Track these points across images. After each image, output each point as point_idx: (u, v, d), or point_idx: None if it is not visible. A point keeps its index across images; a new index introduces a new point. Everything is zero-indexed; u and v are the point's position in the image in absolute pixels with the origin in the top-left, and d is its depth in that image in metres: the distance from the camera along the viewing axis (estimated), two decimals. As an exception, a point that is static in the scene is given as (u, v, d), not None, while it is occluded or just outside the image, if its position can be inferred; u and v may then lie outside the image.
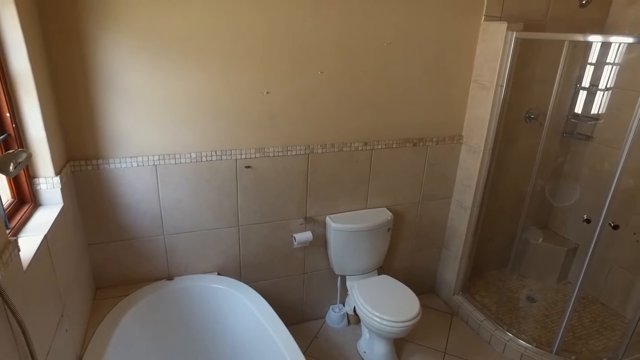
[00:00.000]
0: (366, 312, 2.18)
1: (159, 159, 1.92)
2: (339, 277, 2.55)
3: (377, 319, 2.12)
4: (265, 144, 2.09)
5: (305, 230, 2.33)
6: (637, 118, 1.86)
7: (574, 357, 2.37)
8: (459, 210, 2.67)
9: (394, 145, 2.38)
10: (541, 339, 2.54)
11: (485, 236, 2.92)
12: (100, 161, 1.84)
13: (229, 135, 2.01)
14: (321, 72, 2.06)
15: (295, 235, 2.30)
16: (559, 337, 2.36)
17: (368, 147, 2.32)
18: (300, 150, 2.17)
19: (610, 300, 2.92)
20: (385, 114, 2.29)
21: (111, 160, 1.85)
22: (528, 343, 2.44)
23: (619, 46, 2.54)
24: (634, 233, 2.70)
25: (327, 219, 2.36)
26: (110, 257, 2.02)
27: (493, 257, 3.14)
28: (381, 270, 2.56)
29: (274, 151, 2.12)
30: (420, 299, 2.24)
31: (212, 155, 2.01)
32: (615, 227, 2.19)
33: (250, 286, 2.11)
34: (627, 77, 2.62)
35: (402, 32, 2.15)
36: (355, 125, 2.25)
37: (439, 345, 2.55)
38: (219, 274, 2.23)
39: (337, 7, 1.97)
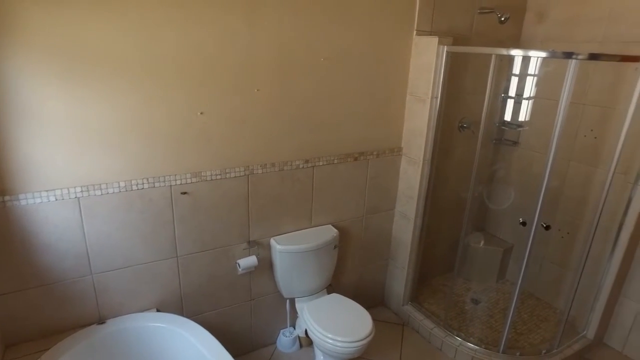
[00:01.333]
0: (318, 334, 2.10)
1: (81, 191, 1.73)
2: (288, 300, 2.46)
3: (331, 341, 2.06)
4: (202, 167, 1.96)
5: (250, 255, 2.22)
6: (557, 125, 1.98)
7: (518, 353, 2.47)
8: (403, 221, 2.70)
9: (335, 161, 2.35)
10: (488, 339, 2.61)
11: (430, 244, 2.98)
12: (7, 198, 1.61)
13: (161, 160, 1.86)
14: (258, 90, 1.98)
15: (239, 261, 2.18)
16: (504, 336, 2.44)
17: (309, 165, 2.26)
18: (240, 171, 2.06)
19: (543, 294, 3.10)
20: (325, 130, 2.26)
21: (22, 196, 1.63)
22: (477, 345, 2.50)
23: (537, 60, 2.73)
24: (560, 229, 2.88)
25: (272, 241, 2.26)
26: (26, 307, 1.77)
27: (438, 264, 3.22)
28: (330, 288, 2.50)
29: (211, 174, 2.00)
30: (370, 313, 2.21)
31: (143, 183, 1.85)
32: (547, 228, 2.32)
33: (194, 320, 1.95)
34: (546, 88, 2.82)
35: (338, 48, 2.14)
36: (295, 143, 2.19)
37: (393, 358, 2.53)
38: (158, 311, 2.05)
39: (271, 23, 1.91)
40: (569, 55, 1.89)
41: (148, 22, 1.66)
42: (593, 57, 1.91)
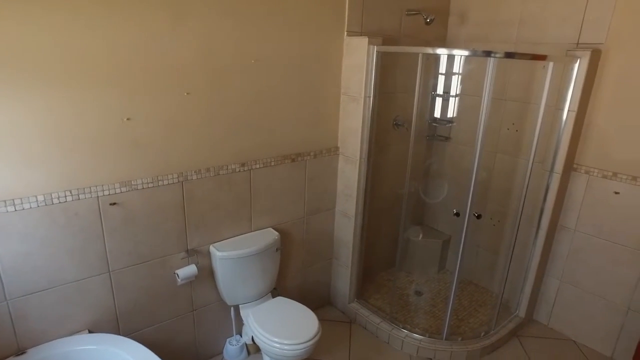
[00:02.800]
0: (265, 339, 2.07)
1: (-9, 209, 1.57)
2: (232, 308, 2.39)
3: (277, 345, 2.03)
4: (132, 176, 1.86)
5: (189, 264, 2.14)
6: (482, 120, 2.10)
7: (460, 338, 2.58)
8: (343, 219, 2.73)
9: (273, 163, 2.33)
10: (432, 328, 2.71)
11: (372, 241, 3.05)
12: None
13: (86, 171, 1.74)
14: (187, 93, 1.92)
15: (178, 271, 2.09)
16: (446, 323, 2.54)
17: (246, 168, 2.23)
18: (173, 178, 1.98)
19: (480, 280, 3.27)
20: (261, 132, 2.24)
21: None
22: (422, 335, 2.59)
23: (461, 58, 2.88)
24: (491, 218, 3.06)
25: (211, 248, 2.20)
26: None
27: (381, 260, 3.29)
28: (275, 292, 2.47)
29: (142, 183, 1.90)
30: (317, 314, 2.22)
31: (66, 196, 1.72)
32: (479, 217, 2.45)
33: (132, 338, 1.84)
34: (470, 85, 2.99)
35: (269, 49, 2.13)
36: (230, 147, 2.14)
37: (342, 356, 2.55)
38: (90, 332, 1.91)
39: (196, 24, 1.86)
40: (488, 53, 2.01)
41: (67, 20, 1.55)
42: (509, 55, 2.05)
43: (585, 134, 2.52)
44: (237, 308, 2.37)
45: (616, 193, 2.46)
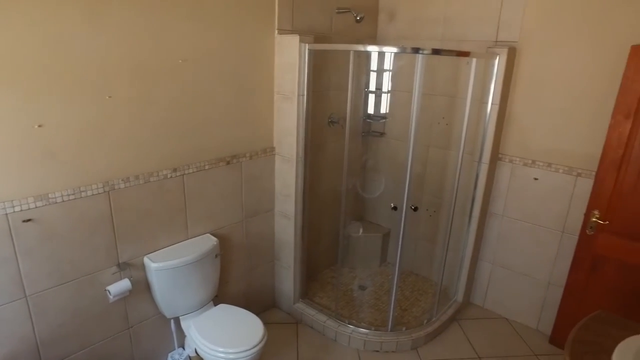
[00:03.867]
0: (209, 350, 1.99)
1: None
2: (172, 320, 2.28)
3: (222, 355, 1.96)
4: (49, 188, 1.70)
5: (122, 279, 2.00)
6: (414, 115, 2.16)
7: (404, 328, 2.65)
8: (283, 220, 2.69)
9: (207, 167, 2.24)
10: (377, 321, 2.76)
11: (313, 239, 3.04)
12: None
13: (-9, 186, 1.56)
14: (110, 97, 1.78)
15: (109, 288, 1.94)
16: (390, 315, 2.60)
17: (178, 173, 2.12)
18: (98, 188, 1.83)
19: (421, 270, 3.39)
20: (192, 135, 2.14)
21: None
22: (368, 329, 2.63)
23: (391, 55, 2.95)
24: (427, 209, 3.18)
25: (146, 259, 2.07)
26: None
27: (324, 258, 3.30)
28: (217, 299, 2.39)
29: (62, 196, 1.74)
30: (263, 317, 2.18)
31: (-33, 215, 1.53)
32: (416, 209, 2.52)
33: (58, 366, 1.69)
34: (401, 81, 3.08)
35: (197, 48, 2.03)
36: (160, 152, 2.03)
37: (290, 358, 2.52)
38: (7, 365, 1.72)
39: (116, 22, 1.72)
40: (416, 50, 2.07)
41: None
42: (435, 52, 2.12)
43: (507, 125, 2.69)
44: (177, 320, 2.25)
45: (535, 179, 2.65)
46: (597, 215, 2.36)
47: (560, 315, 2.64)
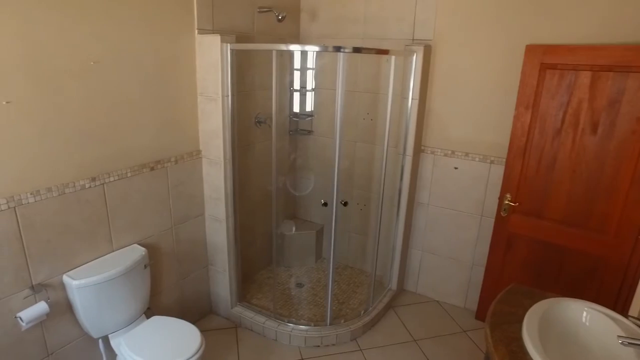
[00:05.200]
0: (142, 366, 1.90)
1: None
2: (101, 340, 2.14)
3: (157, 369, 1.88)
4: (-60, 208, 1.52)
5: (37, 303, 1.83)
6: (338, 112, 2.22)
7: (342, 320, 2.72)
8: (215, 224, 2.63)
9: (129, 174, 2.13)
10: (316, 317, 2.80)
11: (247, 241, 3.01)
12: None
13: None
14: (7, 102, 1.62)
15: (20, 314, 1.76)
16: (328, 310, 2.65)
17: (98, 183, 1.99)
18: (1, 205, 1.67)
19: (355, 263, 3.49)
20: (111, 142, 2.02)
21: None
22: (307, 325, 2.65)
23: (313, 54, 2.99)
24: (358, 203, 3.28)
25: (65, 278, 1.92)
26: None
27: (259, 258, 3.28)
28: (150, 312, 2.28)
29: (-43, 215, 1.56)
30: (200, 325, 2.12)
31: None
32: (345, 204, 2.59)
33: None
34: (325, 79, 3.14)
35: (111, 49, 1.92)
36: (76, 161, 1.89)
37: (230, 364, 2.48)
38: None
39: (12, 19, 1.57)
40: (337, 49, 2.12)
41: None
42: (356, 50, 2.18)
43: (428, 119, 2.85)
44: (106, 339, 2.12)
45: (455, 168, 2.84)
46: (509, 198, 2.58)
47: (483, 292, 2.85)
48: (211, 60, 2.30)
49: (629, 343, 1.34)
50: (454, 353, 2.62)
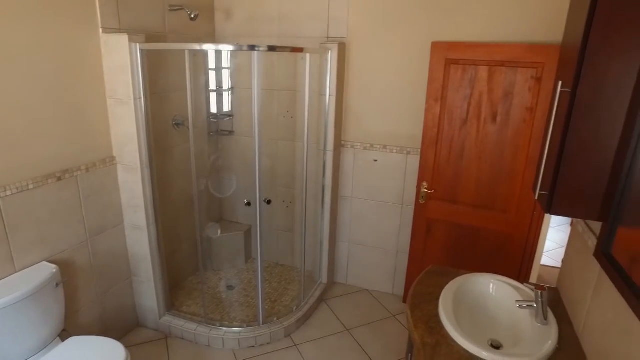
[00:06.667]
0: (60, 392, 1.76)
1: None
2: (8, 370, 1.95)
3: (77, 393, 1.76)
4: None
5: None
6: (256, 111, 2.22)
7: (275, 318, 2.73)
8: (135, 233, 2.51)
9: (31, 186, 1.95)
10: (249, 318, 2.78)
11: (173, 248, 2.91)
12: None
13: None
14: None
15: None
16: (260, 309, 2.65)
17: (-7, 198, 1.81)
18: None
19: (285, 260, 3.51)
20: (7, 153, 1.83)
21: None
22: (240, 327, 2.63)
23: (228, 53, 2.95)
24: (284, 201, 3.30)
25: (-40, 306, 1.72)
26: None
27: (187, 264, 3.18)
28: (66, 334, 2.11)
29: None
30: (127, 340, 2.01)
31: None
32: (269, 202, 2.60)
33: None
34: (241, 78, 3.11)
35: (2, 50, 1.74)
36: (-37, 175, 1.70)
37: (161, 376, 2.39)
38: None
39: None
40: (252, 47, 2.11)
41: None
42: (271, 48, 2.19)
43: (346, 114, 2.94)
44: (14, 368, 1.93)
45: (375, 161, 2.96)
46: (426, 186, 2.75)
47: (408, 277, 3.02)
48: (120, 61, 2.18)
49: (525, 306, 1.51)
50: (385, 337, 2.75)
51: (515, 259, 2.67)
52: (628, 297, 1.04)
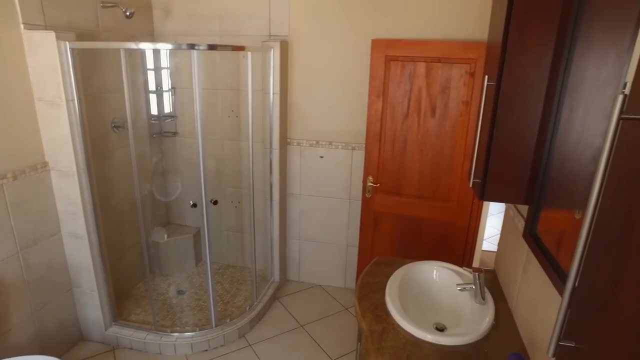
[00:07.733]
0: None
1: None
2: None
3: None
4: None
5: None
6: (198, 110, 2.18)
7: (228, 319, 2.70)
8: (74, 242, 2.38)
9: (-49, 197, 1.80)
10: (202, 321, 2.73)
11: (117, 255, 2.80)
12: None
13: None
14: None
15: None
16: (212, 312, 2.61)
17: None
18: None
19: (237, 261, 3.47)
20: None
21: None
22: (193, 331, 2.58)
23: (166, 52, 2.87)
24: (232, 201, 3.26)
25: None
26: None
27: (133, 271, 3.06)
28: (-3, 354, 1.98)
29: None
30: (70, 356, 1.92)
31: None
32: (215, 203, 2.56)
33: None
34: (182, 78, 3.04)
35: None
36: None
37: (108, 389, 2.29)
38: None
39: None
40: (191, 46, 2.07)
41: None
42: (211, 47, 2.16)
43: (291, 112, 2.95)
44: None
45: (321, 157, 3.00)
46: (372, 180, 2.83)
47: (359, 270, 3.09)
48: (47, 60, 2.05)
49: (464, 288, 1.60)
50: (339, 330, 2.80)
51: (459, 246, 2.81)
52: (548, 270, 1.14)
